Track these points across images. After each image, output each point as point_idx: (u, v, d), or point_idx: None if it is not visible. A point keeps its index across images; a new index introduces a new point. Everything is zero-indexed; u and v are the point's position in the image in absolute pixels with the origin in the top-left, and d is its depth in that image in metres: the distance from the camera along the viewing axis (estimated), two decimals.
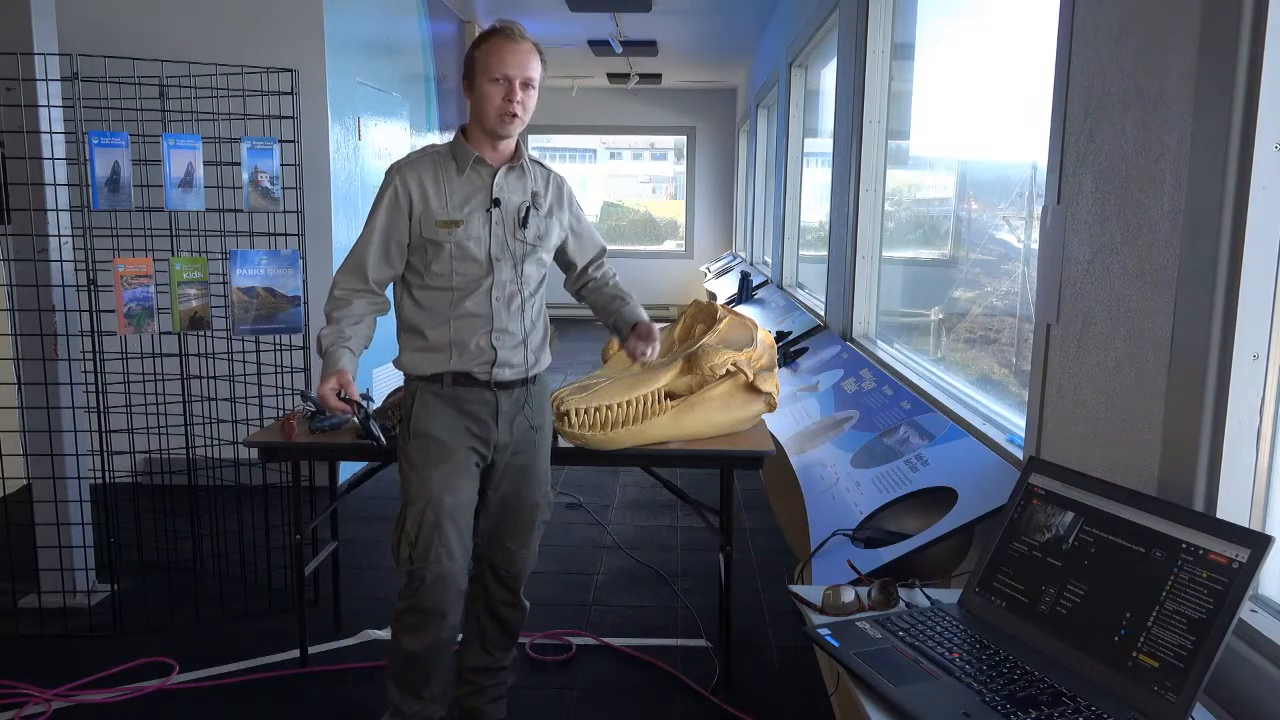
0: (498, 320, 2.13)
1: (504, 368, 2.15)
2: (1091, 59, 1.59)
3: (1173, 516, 1.20)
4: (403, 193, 2.11)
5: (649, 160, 12.38)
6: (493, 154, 2.14)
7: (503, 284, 2.13)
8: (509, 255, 2.13)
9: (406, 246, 2.13)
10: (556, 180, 2.29)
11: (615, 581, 3.49)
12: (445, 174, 2.12)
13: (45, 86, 3.03)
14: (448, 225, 2.09)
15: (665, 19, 7.03)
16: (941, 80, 3.14)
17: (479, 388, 2.15)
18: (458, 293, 2.12)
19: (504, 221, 2.13)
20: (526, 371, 2.20)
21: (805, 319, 4.46)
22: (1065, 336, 1.66)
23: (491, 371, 2.13)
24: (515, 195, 2.16)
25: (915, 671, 1.24)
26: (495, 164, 2.14)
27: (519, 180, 2.18)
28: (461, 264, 2.10)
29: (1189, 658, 1.10)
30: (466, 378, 2.14)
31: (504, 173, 2.14)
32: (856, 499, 2.19)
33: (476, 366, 2.13)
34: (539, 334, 2.25)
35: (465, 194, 2.11)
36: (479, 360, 2.13)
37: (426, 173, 2.12)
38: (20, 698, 2.61)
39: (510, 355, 2.16)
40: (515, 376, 2.18)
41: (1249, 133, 1.15)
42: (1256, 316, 1.19)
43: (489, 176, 2.13)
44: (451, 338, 2.13)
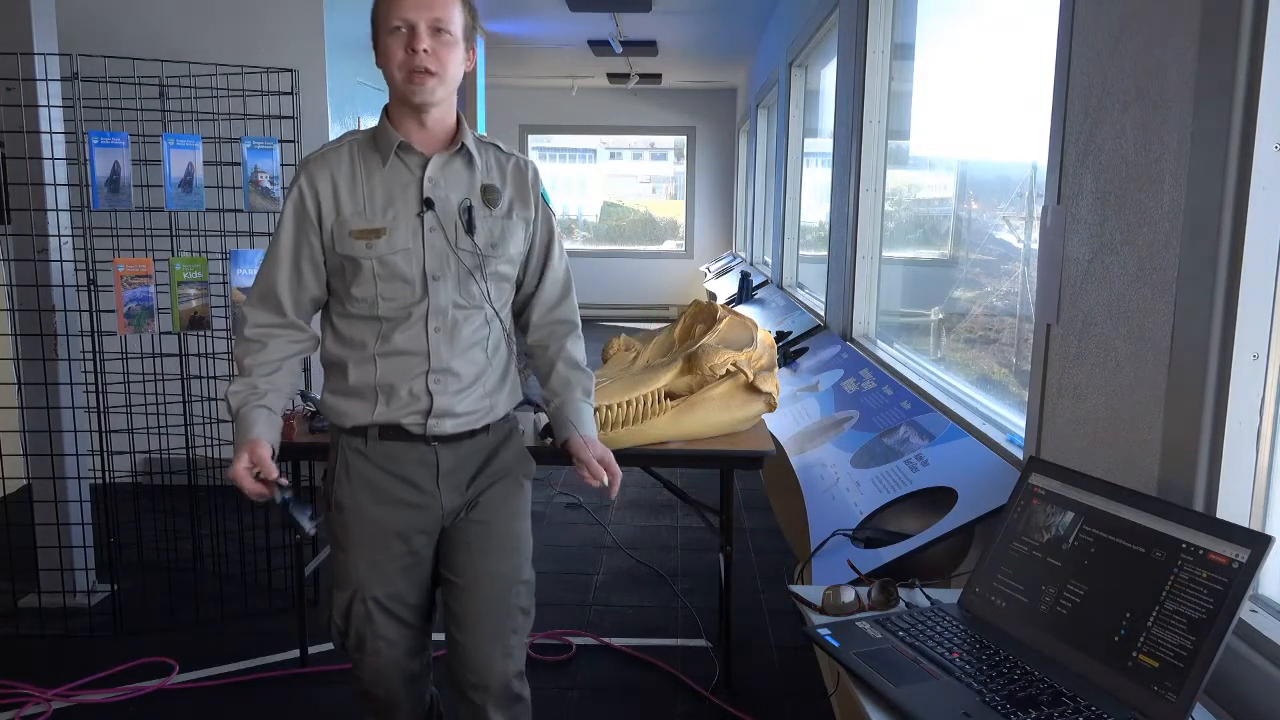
0: (436, 359, 1.66)
1: (444, 418, 1.68)
2: (1091, 59, 1.59)
3: (1173, 516, 1.20)
4: (309, 197, 1.65)
5: (649, 160, 12.38)
6: (422, 136, 1.65)
7: (442, 310, 1.65)
8: (451, 271, 1.65)
9: (323, 265, 1.69)
10: (519, 167, 1.77)
11: (615, 581, 3.49)
12: (363, 168, 1.66)
13: (45, 86, 3.03)
14: (365, 235, 1.63)
15: (665, 19, 7.03)
16: (941, 80, 3.14)
17: (413, 443, 1.70)
18: (386, 324, 1.66)
19: (442, 226, 1.64)
20: (478, 421, 1.73)
21: (805, 319, 4.46)
22: (1065, 336, 1.66)
23: (426, 423, 1.68)
24: (456, 191, 1.67)
25: (915, 671, 1.24)
26: (426, 150, 1.65)
27: (462, 170, 1.69)
28: (388, 286, 1.64)
29: (1189, 658, 1.10)
30: (397, 430, 1.69)
31: (439, 162, 1.66)
32: (856, 499, 2.19)
33: (407, 417, 1.68)
34: (498, 370, 1.76)
35: (388, 193, 1.65)
36: (410, 409, 1.67)
37: (340, 168, 1.65)
38: (20, 698, 2.61)
39: (453, 402, 1.69)
40: (461, 428, 1.71)
41: (1249, 133, 1.15)
42: (1256, 316, 1.19)
43: (418, 168, 1.65)
44: (378, 381, 1.67)
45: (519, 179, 1.76)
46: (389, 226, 1.63)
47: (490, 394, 1.75)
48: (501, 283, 1.74)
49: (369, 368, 1.68)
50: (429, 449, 1.71)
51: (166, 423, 3.52)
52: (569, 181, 12.11)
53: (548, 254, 1.82)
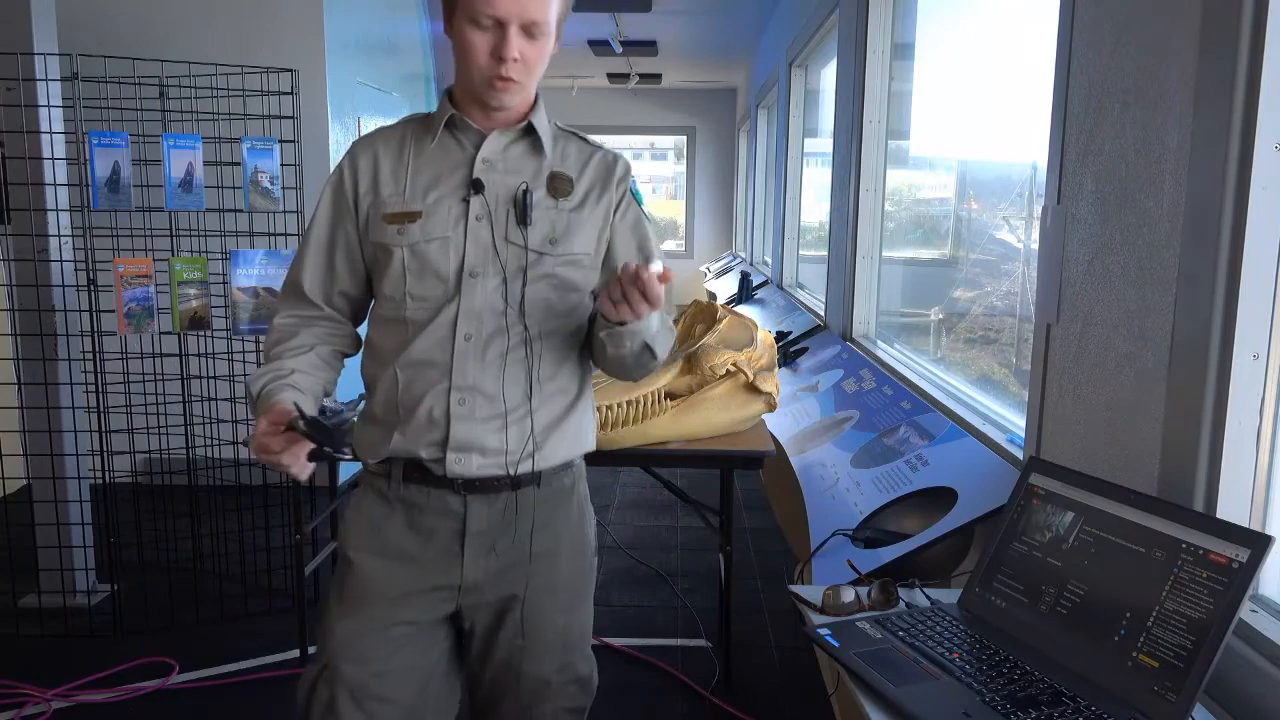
0: (460, 372, 1.37)
1: (468, 452, 1.37)
2: (1091, 59, 1.59)
3: (1173, 516, 1.20)
4: (349, 178, 1.44)
5: (649, 160, 12.37)
6: (486, 117, 1.41)
7: (475, 314, 1.37)
8: (495, 269, 1.37)
9: (361, 258, 1.46)
10: (605, 161, 1.48)
11: (615, 581, 3.49)
12: (413, 147, 1.43)
13: (45, 86, 3.03)
14: (398, 219, 1.39)
15: (665, 19, 7.03)
16: (942, 80, 3.14)
17: (438, 488, 1.39)
18: (412, 328, 1.39)
19: (490, 215, 1.38)
20: (512, 466, 1.39)
21: (805, 319, 4.46)
22: (1065, 336, 1.66)
23: (445, 458, 1.37)
24: (516, 175, 1.40)
25: (915, 671, 1.24)
26: (487, 128, 1.41)
27: (527, 154, 1.42)
28: (419, 282, 1.38)
29: (1189, 658, 1.10)
30: (419, 470, 1.39)
31: (498, 141, 1.40)
32: (856, 499, 2.19)
33: (425, 448, 1.38)
34: (556, 402, 1.43)
35: (434, 172, 1.41)
36: (426, 437, 1.38)
37: (387, 147, 1.44)
38: (20, 698, 2.61)
39: (479, 432, 1.37)
40: (494, 470, 1.38)
41: (1249, 133, 1.15)
42: (1256, 316, 1.19)
43: (473, 146, 1.41)
44: (400, 399, 1.39)
45: (602, 172, 1.46)
46: (426, 210, 1.38)
47: (540, 431, 1.41)
48: (567, 291, 1.42)
49: (392, 384, 1.40)
50: (456, 498, 1.39)
51: (166, 423, 3.52)
52: None
53: (634, 234, 1.48)
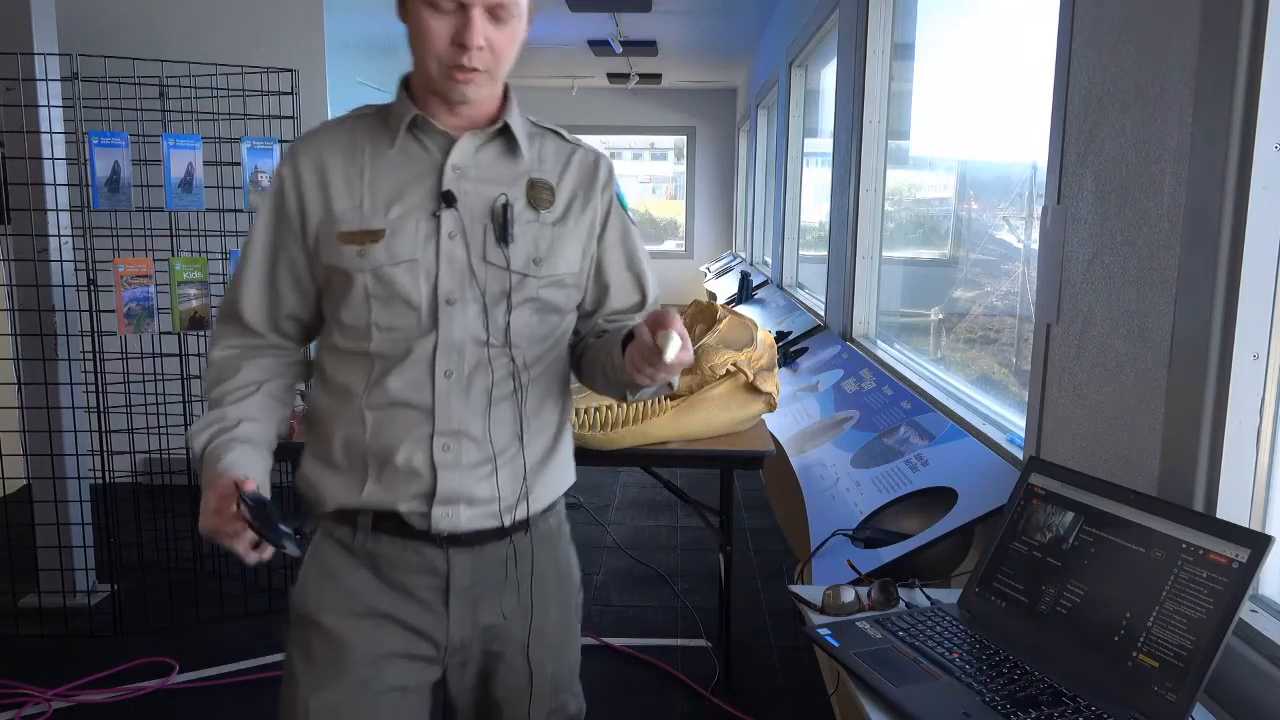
0: (444, 416, 1.22)
1: (455, 505, 1.23)
2: (1091, 59, 1.59)
3: (1173, 516, 1.20)
4: (291, 188, 1.24)
5: (649, 160, 12.38)
6: (452, 118, 1.24)
7: (456, 347, 1.21)
8: (473, 294, 1.22)
9: (309, 279, 1.28)
10: (586, 161, 1.32)
11: (615, 581, 3.49)
12: (369, 151, 1.24)
13: (45, 86, 3.03)
14: (358, 239, 1.20)
15: (665, 19, 7.03)
16: (942, 80, 3.14)
17: (417, 542, 1.24)
18: (379, 363, 1.22)
19: (465, 231, 1.21)
20: (505, 514, 1.26)
21: (805, 319, 4.46)
22: (1065, 336, 1.66)
23: (430, 512, 1.23)
24: (491, 184, 1.24)
25: (915, 671, 1.24)
26: (455, 129, 1.23)
27: (502, 158, 1.26)
28: (385, 310, 1.21)
29: (1189, 658, 1.10)
30: (395, 522, 1.24)
31: (469, 145, 1.23)
32: (856, 499, 2.19)
33: (405, 501, 1.23)
34: (541, 438, 1.31)
35: (397, 183, 1.23)
36: (407, 490, 1.23)
37: (334, 151, 1.24)
38: (20, 698, 2.61)
39: (468, 482, 1.23)
40: (483, 521, 1.25)
41: (1249, 133, 1.15)
42: (1256, 316, 1.19)
43: (440, 151, 1.23)
44: (369, 444, 1.23)
45: (584, 176, 1.31)
46: (391, 228, 1.20)
47: (534, 469, 1.29)
48: (550, 315, 1.28)
49: (357, 425, 1.23)
50: (438, 552, 1.25)
51: (166, 423, 3.52)
52: None
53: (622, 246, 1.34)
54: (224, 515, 1.11)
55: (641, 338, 1.11)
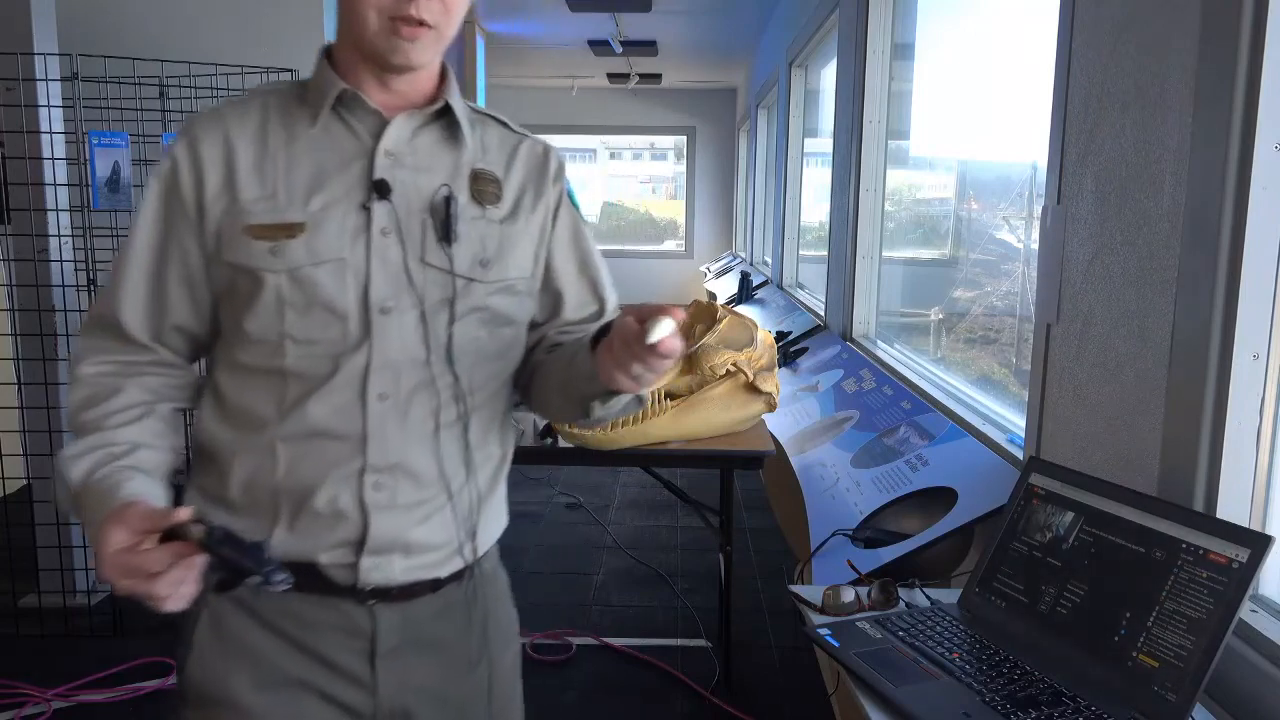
0: (379, 447, 1.03)
1: (389, 555, 1.05)
2: (1091, 59, 1.59)
3: (1173, 516, 1.20)
4: (188, 171, 1.04)
5: (649, 160, 12.37)
6: (382, 95, 1.07)
7: (393, 365, 1.03)
8: (412, 301, 1.04)
9: (204, 282, 1.06)
10: (535, 152, 1.17)
11: (615, 581, 3.49)
12: (281, 132, 1.05)
13: (45, 86, 3.03)
14: (271, 233, 1.01)
15: (665, 19, 7.03)
16: (942, 80, 3.14)
17: (336, 598, 1.05)
18: (296, 383, 1.03)
19: (400, 228, 1.04)
20: (447, 562, 1.10)
21: (805, 319, 4.46)
22: (1065, 336, 1.66)
23: (358, 563, 1.04)
24: (430, 173, 1.07)
25: (915, 671, 1.24)
26: (394, 112, 1.06)
27: (441, 144, 1.09)
28: (303, 319, 1.02)
29: (1189, 658, 1.10)
30: (310, 574, 1.04)
31: (404, 127, 1.06)
32: (856, 499, 2.19)
33: (327, 551, 1.04)
34: (488, 472, 1.14)
35: (317, 169, 1.04)
36: (330, 538, 1.04)
37: (242, 130, 1.05)
38: (20, 698, 2.61)
39: (404, 525, 1.05)
40: (419, 573, 1.08)
41: (1249, 133, 1.15)
42: (1256, 316, 1.19)
43: (370, 135, 1.06)
44: (279, 482, 1.03)
45: (533, 168, 1.15)
46: (312, 221, 1.02)
47: (471, 513, 1.10)
48: (497, 327, 1.11)
49: (265, 459, 1.03)
50: (361, 610, 1.06)
51: None
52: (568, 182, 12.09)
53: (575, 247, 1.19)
54: (139, 553, 0.85)
55: (625, 326, 0.93)
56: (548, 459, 2.21)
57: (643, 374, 0.95)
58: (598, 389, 1.03)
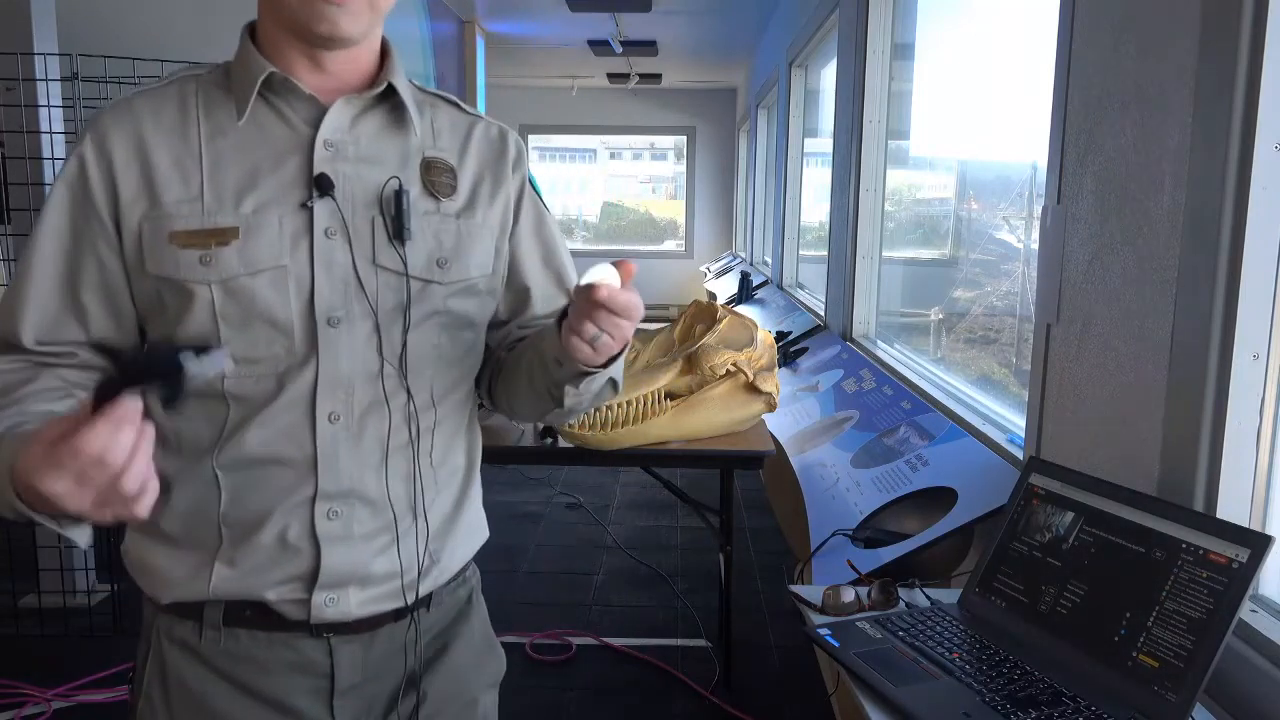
0: (330, 473, 0.95)
1: (344, 588, 0.97)
2: (1091, 59, 1.59)
3: (1173, 516, 1.20)
4: (99, 173, 0.93)
5: (649, 160, 12.38)
6: (316, 78, 0.96)
7: (344, 382, 0.95)
8: (363, 308, 0.95)
9: (126, 293, 0.96)
10: (490, 136, 1.08)
11: (615, 581, 3.49)
12: (204, 123, 0.95)
13: (45, 86, 3.03)
14: (199, 240, 0.91)
15: (665, 19, 7.03)
16: (942, 80, 3.14)
17: (288, 634, 0.98)
18: (237, 406, 0.94)
19: (347, 227, 0.95)
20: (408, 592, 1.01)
21: (805, 319, 4.46)
22: (1065, 336, 1.66)
23: (310, 600, 0.96)
24: (376, 164, 0.97)
25: (915, 671, 1.24)
26: (330, 97, 0.96)
27: (387, 130, 1.00)
28: (242, 334, 0.93)
29: (1189, 658, 1.10)
30: (258, 612, 0.97)
31: (344, 113, 0.96)
32: (856, 499, 2.19)
33: (275, 587, 0.96)
34: (452, 490, 1.06)
35: (249, 165, 0.94)
36: (280, 572, 0.96)
37: (157, 122, 0.94)
38: (20, 698, 2.61)
39: (357, 558, 0.97)
40: (377, 605, 0.99)
41: (1249, 133, 1.15)
42: (1256, 316, 1.19)
43: (308, 123, 0.95)
44: (222, 514, 0.95)
45: (490, 154, 1.06)
46: (246, 225, 0.92)
47: (435, 535, 1.03)
48: (458, 331, 1.02)
49: (205, 490, 0.94)
50: (317, 644, 0.98)
51: None
52: (569, 182, 12.10)
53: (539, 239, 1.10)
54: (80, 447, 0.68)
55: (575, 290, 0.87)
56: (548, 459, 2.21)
57: (598, 336, 0.86)
58: (567, 372, 0.95)
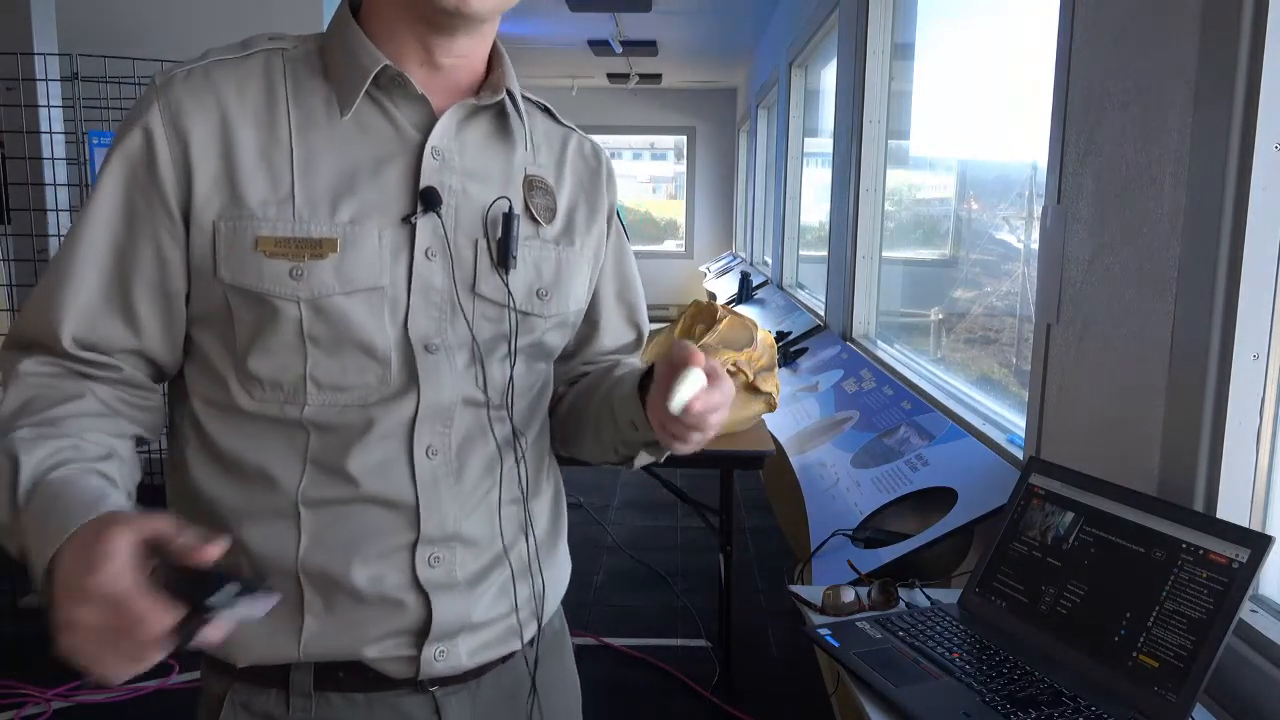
0: (433, 516, 0.85)
1: (454, 639, 0.88)
2: (1091, 59, 1.59)
3: (1173, 516, 1.20)
4: (167, 149, 0.79)
5: (649, 160, 12.38)
6: (430, 76, 0.85)
7: (444, 413, 0.85)
8: (462, 337, 0.86)
9: (183, 296, 0.83)
10: (584, 152, 0.98)
11: (615, 581, 3.49)
12: (294, 109, 0.83)
13: (45, 86, 3.04)
14: (289, 250, 0.80)
15: (665, 19, 7.03)
16: (941, 80, 3.14)
17: (386, 693, 0.87)
18: (318, 436, 0.83)
19: (450, 248, 0.84)
20: (514, 635, 0.93)
21: (805, 319, 4.46)
22: (1065, 336, 1.66)
23: (420, 656, 0.86)
24: (485, 181, 0.87)
25: (915, 671, 1.24)
26: (439, 99, 0.85)
27: (496, 141, 0.89)
28: (333, 360, 0.82)
29: (1189, 658, 1.10)
30: (352, 672, 0.86)
31: (455, 119, 0.85)
32: (856, 499, 2.19)
33: (376, 644, 0.85)
34: (545, 521, 1.00)
35: (347, 169, 0.82)
36: (379, 627, 0.85)
37: (243, 103, 0.82)
38: (20, 698, 2.61)
39: (464, 606, 0.88)
40: (486, 656, 0.91)
41: (1249, 133, 1.15)
42: (1256, 316, 1.19)
43: (418, 128, 0.85)
44: (303, 558, 0.83)
45: (585, 174, 0.97)
46: (345, 237, 0.81)
47: (538, 570, 0.96)
48: (535, 362, 0.95)
49: (283, 529, 0.83)
50: (421, 700, 0.88)
51: None
52: None
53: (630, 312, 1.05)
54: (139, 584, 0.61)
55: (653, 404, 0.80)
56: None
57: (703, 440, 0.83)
58: (643, 438, 0.90)
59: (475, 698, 0.92)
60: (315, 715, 0.85)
